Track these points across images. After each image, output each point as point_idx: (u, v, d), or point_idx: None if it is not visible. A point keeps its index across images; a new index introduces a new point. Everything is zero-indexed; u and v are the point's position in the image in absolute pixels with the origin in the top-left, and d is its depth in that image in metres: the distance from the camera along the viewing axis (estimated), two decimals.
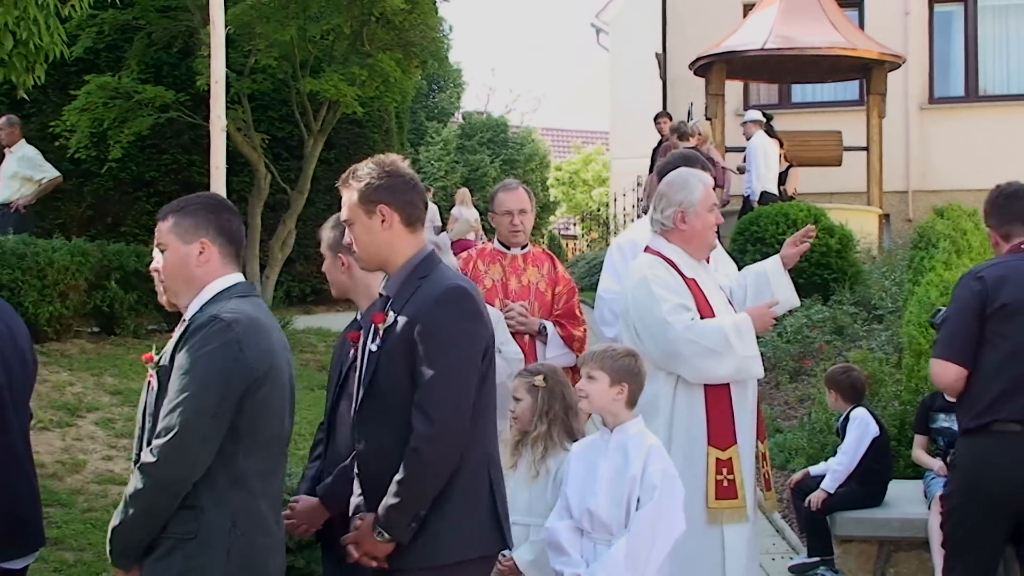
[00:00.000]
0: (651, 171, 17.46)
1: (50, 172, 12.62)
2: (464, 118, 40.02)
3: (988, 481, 5.04)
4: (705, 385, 5.25)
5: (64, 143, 14.64)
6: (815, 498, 7.26)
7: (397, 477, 3.76)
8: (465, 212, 21.95)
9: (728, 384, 5.27)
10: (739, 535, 5.26)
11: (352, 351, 4.35)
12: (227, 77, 9.12)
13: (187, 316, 3.80)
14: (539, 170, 38.20)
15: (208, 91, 5.98)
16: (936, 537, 6.69)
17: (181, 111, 15.02)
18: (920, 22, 19.12)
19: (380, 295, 4.12)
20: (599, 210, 34.50)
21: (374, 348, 3.97)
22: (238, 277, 3.91)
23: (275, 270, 15.61)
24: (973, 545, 5.16)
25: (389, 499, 3.77)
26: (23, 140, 12.62)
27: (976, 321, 5.07)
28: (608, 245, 11.79)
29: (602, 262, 7.74)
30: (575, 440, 4.93)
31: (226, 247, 3.88)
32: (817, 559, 7.32)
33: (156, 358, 3.82)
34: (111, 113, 14.56)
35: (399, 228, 3.98)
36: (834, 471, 7.31)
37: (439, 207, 23.29)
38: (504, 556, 4.75)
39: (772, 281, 5.75)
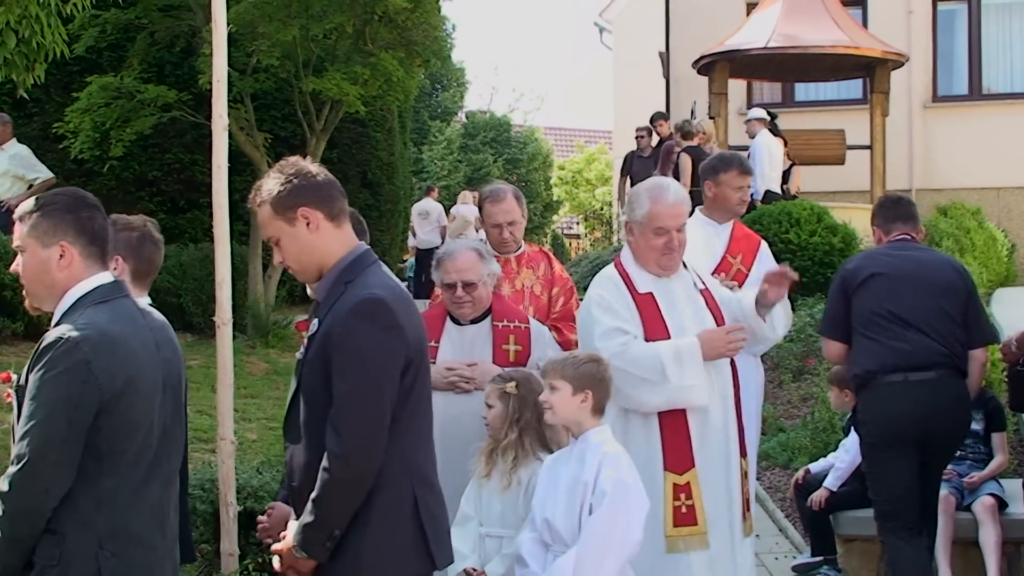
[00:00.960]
0: (623, 174, 17.54)
1: (44, 173, 12.58)
2: (467, 117, 40.06)
3: (886, 423, 6.08)
4: None
5: (68, 144, 14.64)
6: (817, 497, 7.25)
7: (312, 495, 3.65)
8: (463, 210, 21.97)
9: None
10: (703, 562, 5.01)
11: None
12: (229, 76, 9.11)
13: (53, 323, 3.65)
14: (542, 169, 38.23)
15: (210, 90, 5.97)
16: (940, 536, 6.70)
17: (183, 110, 15.01)
18: (924, 20, 19.09)
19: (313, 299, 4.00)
20: (602, 209, 34.46)
21: (299, 356, 3.89)
22: (102, 278, 3.72)
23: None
24: (888, 472, 6.13)
25: (305, 516, 3.68)
26: (14, 139, 12.59)
27: (844, 301, 6.26)
28: (612, 244, 11.81)
29: (605, 262, 7.70)
30: (549, 450, 4.82)
31: (88, 248, 3.69)
32: (820, 558, 7.32)
33: (15, 377, 3.72)
34: (113, 113, 14.55)
35: (326, 226, 3.83)
36: (837, 469, 7.31)
37: (444, 207, 23.28)
38: (475, 570, 4.71)
39: (751, 322, 5.39)
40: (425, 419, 3.91)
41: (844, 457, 7.32)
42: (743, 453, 5.32)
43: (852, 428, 7.36)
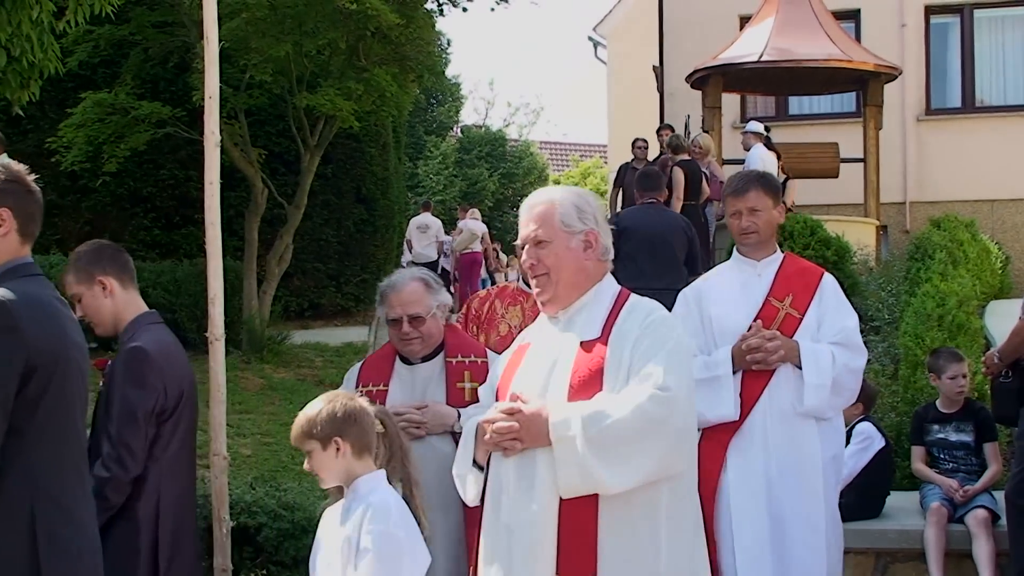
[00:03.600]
0: (616, 186, 17.58)
1: None
2: (462, 132, 40.11)
3: None
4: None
5: (60, 158, 14.65)
6: None
7: None
8: (471, 224, 21.97)
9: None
10: None
11: None
12: (223, 92, 9.13)
13: None
14: (537, 183, 38.23)
15: (203, 107, 5.97)
16: (933, 548, 6.70)
17: (178, 126, 15.03)
18: (916, 34, 19.14)
19: None
20: None
21: None
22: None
23: (272, 285, 15.62)
24: None
25: None
26: (5, 154, 12.58)
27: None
28: None
29: None
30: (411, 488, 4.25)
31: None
32: None
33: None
34: (107, 129, 14.57)
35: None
36: None
37: (441, 221, 23.28)
38: None
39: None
40: (73, 441, 3.77)
41: (843, 468, 7.30)
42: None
43: (849, 440, 7.37)
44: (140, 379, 4.58)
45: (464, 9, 17.98)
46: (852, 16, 19.27)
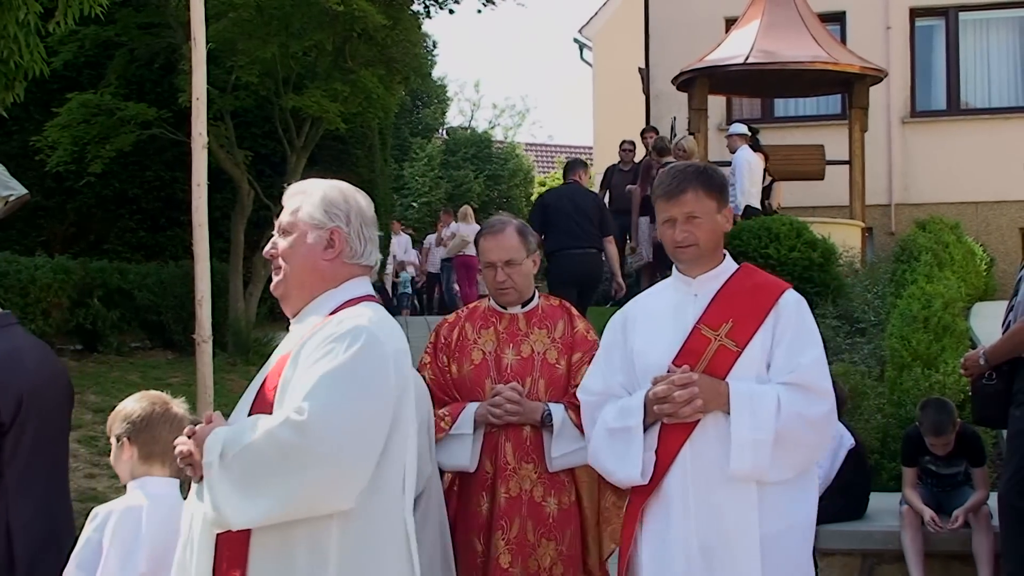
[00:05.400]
0: (602, 187, 17.66)
1: (18, 189, 12.52)
2: (448, 134, 40.14)
3: None
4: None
5: (44, 158, 14.61)
6: None
7: None
8: (463, 228, 21.98)
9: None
10: None
11: None
12: (210, 94, 9.11)
13: None
14: (523, 185, 38.29)
15: (190, 108, 5.97)
16: (910, 550, 6.72)
17: (163, 128, 15.00)
18: (902, 36, 19.19)
19: None
20: None
21: None
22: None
23: (259, 287, 15.59)
24: None
25: None
26: None
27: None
28: None
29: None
30: None
31: None
32: None
33: None
34: (93, 130, 14.53)
35: None
36: None
37: (424, 223, 23.34)
38: None
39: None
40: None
41: (818, 472, 7.31)
42: None
43: None
44: None
45: (451, 11, 17.96)
46: (837, 18, 19.31)
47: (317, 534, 3.17)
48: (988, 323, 10.77)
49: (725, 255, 4.30)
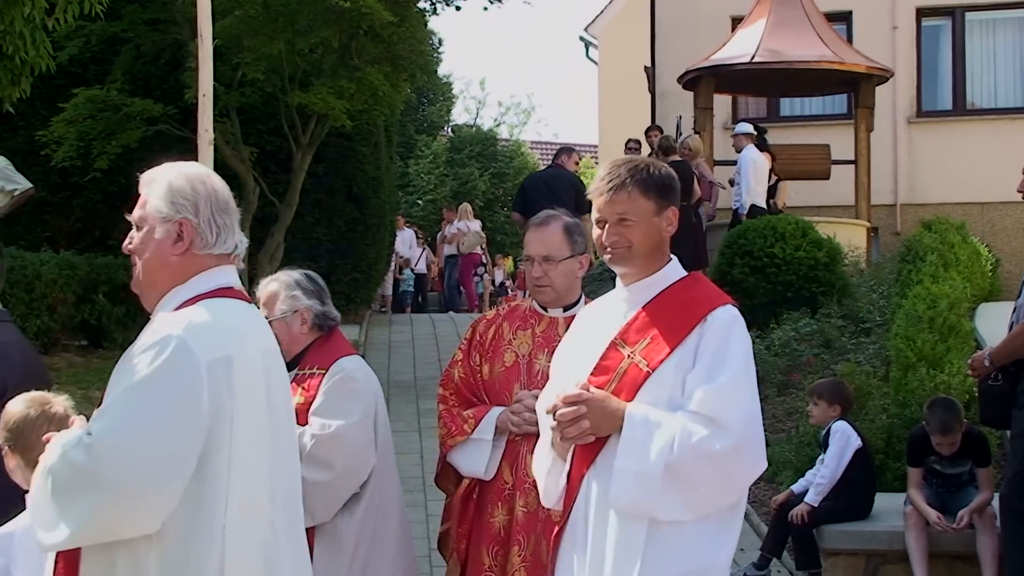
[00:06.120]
0: None
1: (23, 183, 12.55)
2: (453, 131, 40.14)
3: None
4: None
5: (50, 153, 14.61)
6: (798, 511, 7.26)
7: None
8: (472, 226, 22.09)
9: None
10: None
11: None
12: (216, 90, 9.12)
13: None
14: None
15: (196, 104, 5.97)
16: (914, 550, 6.73)
17: (169, 124, 14.99)
18: (908, 36, 19.17)
19: None
20: None
21: None
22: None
23: None
24: None
25: None
26: None
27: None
28: (597, 260, 11.80)
29: (592, 276, 7.55)
30: None
31: None
32: (804, 573, 7.33)
33: None
34: (99, 125, 14.53)
35: None
36: (817, 484, 7.32)
37: (429, 220, 23.40)
38: None
39: None
40: None
41: (824, 472, 7.32)
42: None
43: (826, 442, 7.39)
44: None
45: (458, 8, 17.91)
46: (844, 18, 19.30)
47: (136, 557, 2.99)
48: (993, 324, 10.76)
49: (670, 261, 3.75)
